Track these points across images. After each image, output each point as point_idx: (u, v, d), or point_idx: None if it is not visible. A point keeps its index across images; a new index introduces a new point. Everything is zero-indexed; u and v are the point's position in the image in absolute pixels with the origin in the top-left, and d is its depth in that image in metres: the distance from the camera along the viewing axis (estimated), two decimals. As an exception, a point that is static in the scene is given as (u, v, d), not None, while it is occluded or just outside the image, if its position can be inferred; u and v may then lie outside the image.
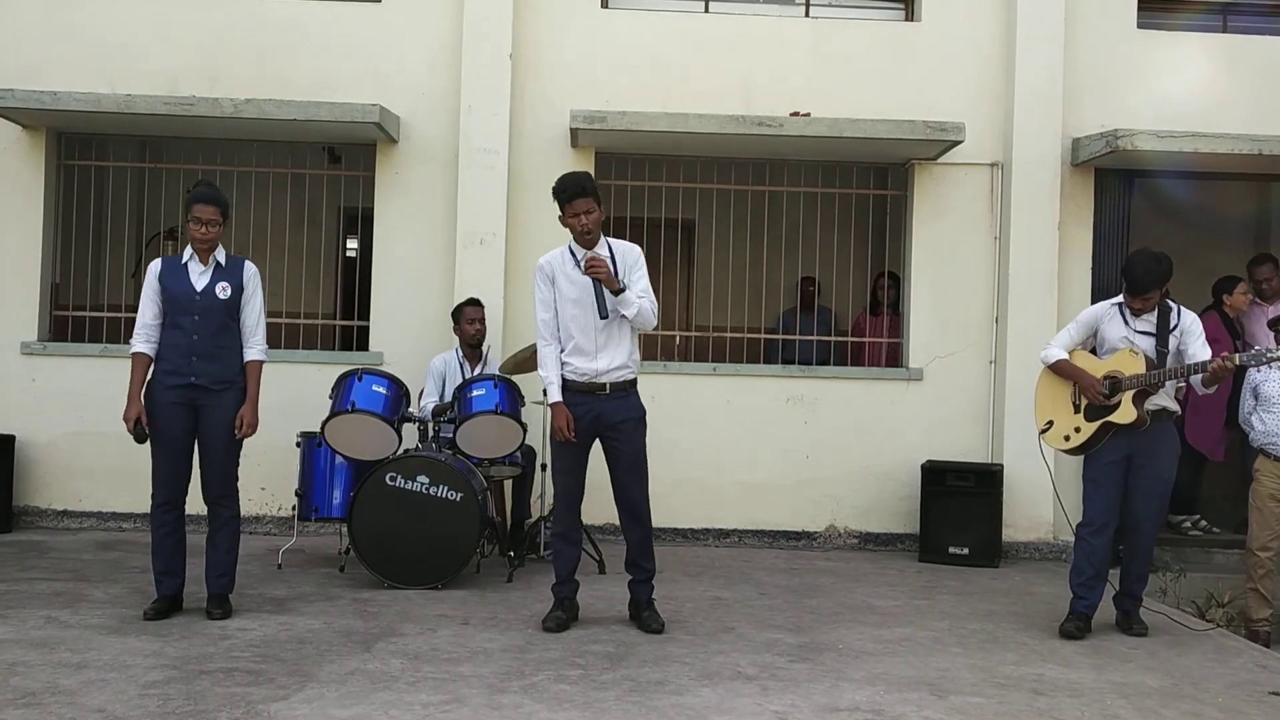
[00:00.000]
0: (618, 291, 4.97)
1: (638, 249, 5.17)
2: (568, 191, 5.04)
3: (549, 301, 5.12)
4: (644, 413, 5.21)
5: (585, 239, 5.06)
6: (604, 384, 5.08)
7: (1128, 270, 5.40)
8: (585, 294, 5.04)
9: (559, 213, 5.11)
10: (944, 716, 4.10)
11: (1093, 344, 5.59)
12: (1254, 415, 6.39)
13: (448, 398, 6.88)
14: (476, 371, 6.86)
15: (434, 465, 5.82)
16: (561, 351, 5.11)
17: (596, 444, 5.20)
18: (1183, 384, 5.51)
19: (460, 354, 7.02)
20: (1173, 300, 5.48)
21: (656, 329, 5.82)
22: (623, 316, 5.04)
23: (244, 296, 5.21)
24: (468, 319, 6.99)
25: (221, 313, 5.14)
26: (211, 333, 5.11)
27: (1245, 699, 4.46)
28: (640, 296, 5.04)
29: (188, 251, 5.17)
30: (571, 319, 5.08)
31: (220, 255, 5.20)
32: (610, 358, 5.08)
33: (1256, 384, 6.38)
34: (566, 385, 5.09)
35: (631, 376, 5.16)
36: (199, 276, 5.13)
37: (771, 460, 7.75)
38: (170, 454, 5.09)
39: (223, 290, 5.14)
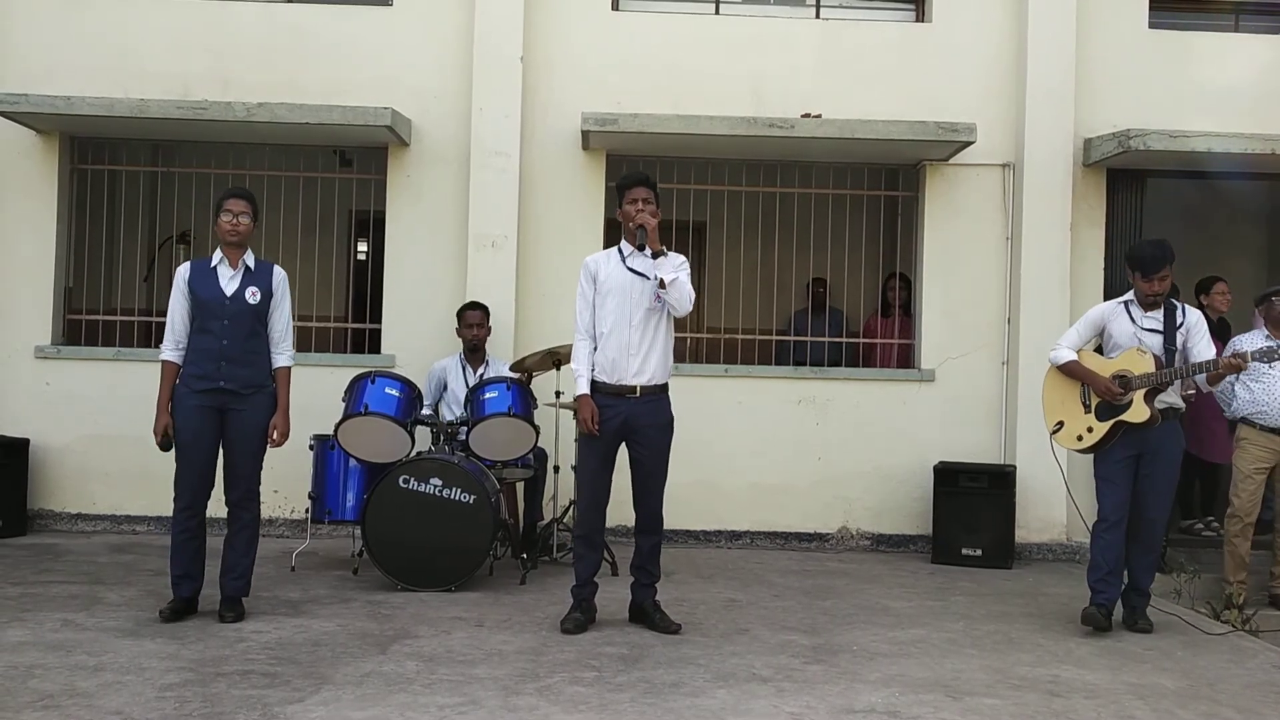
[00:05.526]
0: (658, 255, 4.98)
1: (682, 256, 5.15)
2: (630, 179, 5.17)
3: (589, 298, 5.14)
4: (672, 419, 5.19)
5: (637, 231, 5.05)
6: (634, 387, 5.07)
7: (1136, 258, 5.43)
8: (626, 289, 5.07)
9: (619, 207, 5.18)
10: (959, 718, 4.09)
11: (1099, 343, 5.61)
12: (1237, 384, 6.37)
13: (447, 403, 6.92)
14: (479, 374, 6.88)
15: (447, 468, 5.82)
16: (594, 350, 5.11)
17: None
18: (1192, 391, 5.52)
19: (462, 357, 7.03)
20: (1176, 300, 5.50)
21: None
22: (658, 298, 5.03)
23: (273, 302, 5.20)
24: (467, 323, 7.00)
25: (251, 318, 5.13)
26: (241, 338, 5.10)
27: (1262, 699, 4.44)
28: (680, 268, 5.04)
29: (217, 255, 5.17)
30: (609, 314, 5.08)
31: (249, 259, 5.19)
32: (643, 360, 5.07)
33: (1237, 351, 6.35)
34: (596, 387, 5.09)
35: (663, 381, 5.15)
36: (228, 281, 5.13)
37: (783, 461, 7.74)
38: (195, 458, 5.07)
39: (252, 295, 5.14)
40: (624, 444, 5.16)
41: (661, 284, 4.99)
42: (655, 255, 5.01)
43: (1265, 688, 4.62)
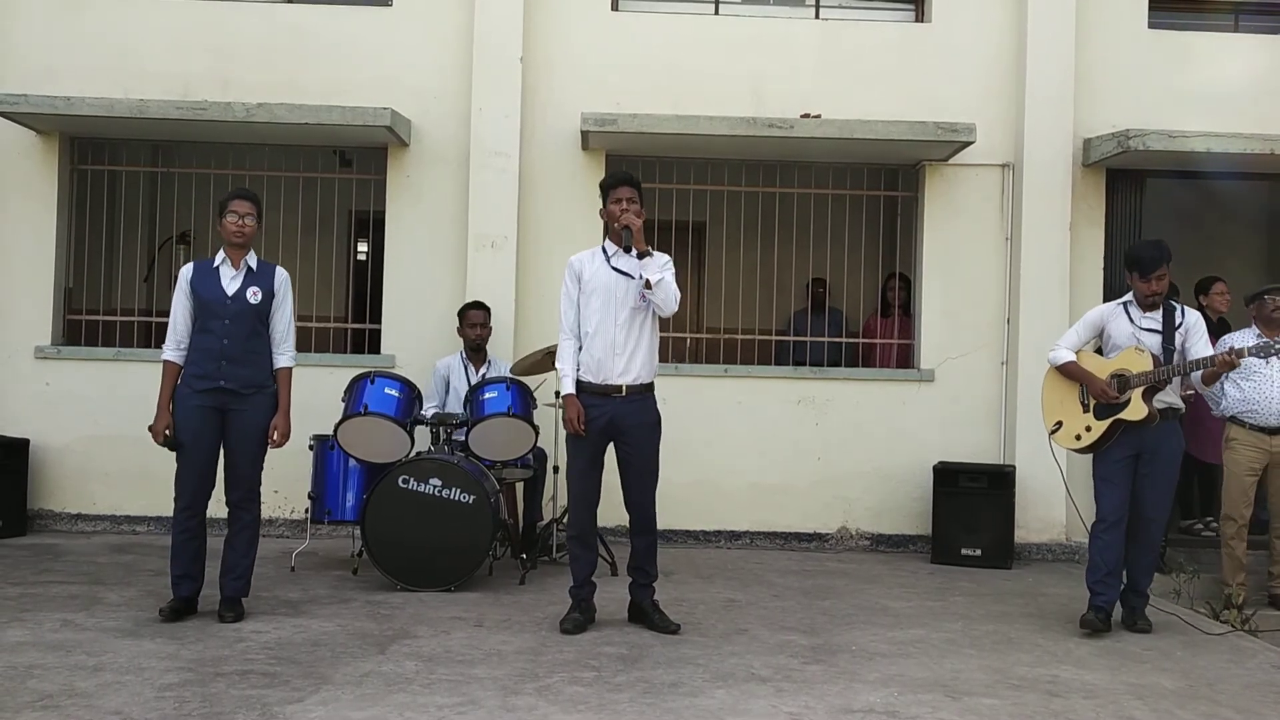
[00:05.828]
0: (643, 255, 5.00)
1: (666, 256, 5.17)
2: (614, 178, 5.19)
3: (574, 298, 5.15)
4: (659, 418, 5.21)
5: (621, 231, 5.05)
6: (619, 386, 5.08)
7: (1134, 258, 5.44)
8: (610, 289, 5.08)
9: (603, 206, 5.18)
10: (958, 718, 4.09)
11: (1098, 344, 5.62)
12: (1227, 382, 6.30)
13: (450, 401, 6.92)
14: (480, 373, 6.89)
15: (446, 468, 5.83)
16: (579, 350, 5.13)
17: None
18: (1192, 391, 5.53)
19: (464, 356, 7.04)
20: (1175, 301, 5.51)
21: (668, 330, 5.82)
22: (643, 298, 5.05)
23: (274, 303, 5.21)
24: (470, 322, 7.01)
25: (252, 318, 5.14)
26: (242, 338, 5.10)
27: (1261, 699, 4.45)
28: (665, 268, 5.06)
29: (219, 255, 5.18)
30: (594, 313, 5.09)
31: (252, 259, 5.21)
32: (628, 359, 5.08)
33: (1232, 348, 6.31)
34: (582, 386, 5.10)
35: (648, 380, 5.16)
36: (230, 281, 5.14)
37: (783, 461, 7.75)
38: (195, 458, 5.07)
39: (254, 295, 5.14)
40: (613, 444, 5.17)
41: (647, 284, 5.00)
42: (640, 255, 5.02)
43: (1265, 688, 4.62)
